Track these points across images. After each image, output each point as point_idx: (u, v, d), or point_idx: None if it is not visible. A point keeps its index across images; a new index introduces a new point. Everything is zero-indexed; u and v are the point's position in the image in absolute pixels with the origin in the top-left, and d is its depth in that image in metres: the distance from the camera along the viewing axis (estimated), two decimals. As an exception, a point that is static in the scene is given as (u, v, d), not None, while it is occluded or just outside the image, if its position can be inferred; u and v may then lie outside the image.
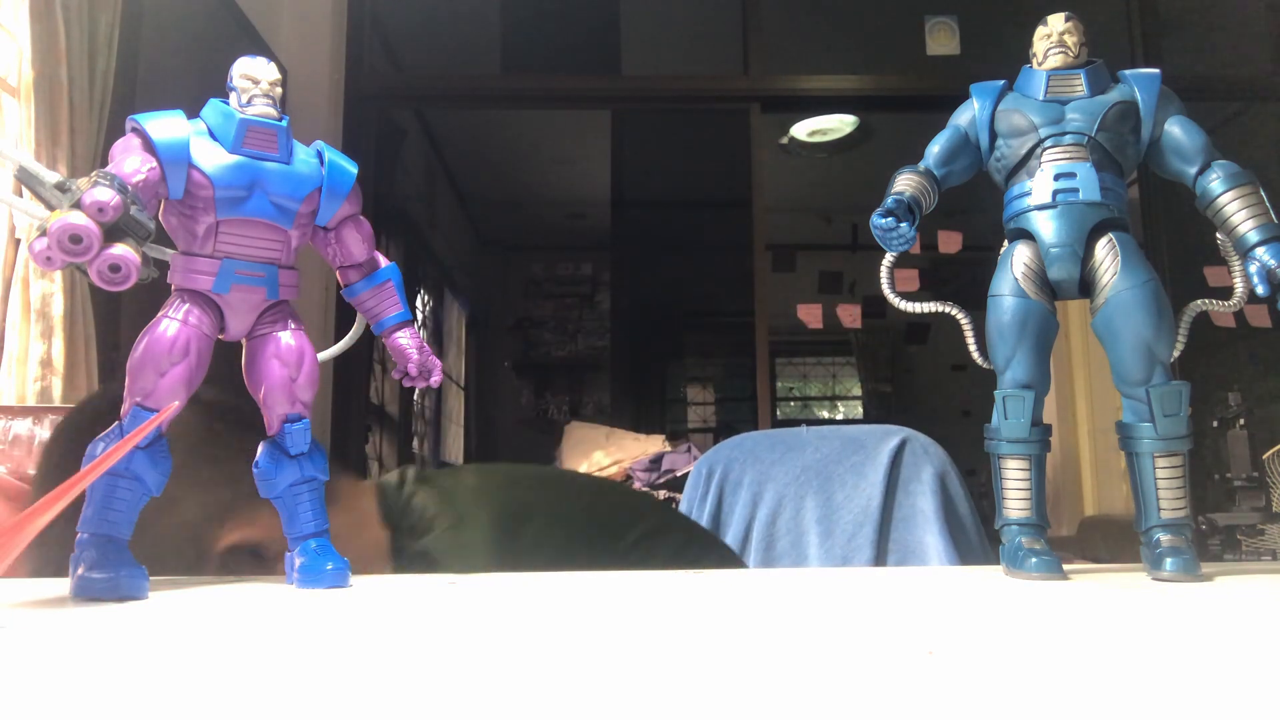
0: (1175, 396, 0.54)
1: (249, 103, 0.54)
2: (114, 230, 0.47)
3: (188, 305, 0.52)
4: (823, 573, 0.63)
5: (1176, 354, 0.57)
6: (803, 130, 4.24)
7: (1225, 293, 0.59)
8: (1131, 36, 3.26)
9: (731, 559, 1.06)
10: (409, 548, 0.85)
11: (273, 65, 0.55)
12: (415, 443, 4.81)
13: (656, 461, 2.90)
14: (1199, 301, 0.60)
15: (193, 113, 0.55)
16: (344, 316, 0.64)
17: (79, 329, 1.60)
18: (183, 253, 0.54)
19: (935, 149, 0.61)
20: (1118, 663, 0.31)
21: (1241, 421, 2.57)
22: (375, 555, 0.83)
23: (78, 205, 0.46)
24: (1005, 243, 0.59)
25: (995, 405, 0.57)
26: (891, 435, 1.31)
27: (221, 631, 0.40)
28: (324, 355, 0.61)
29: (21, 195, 0.59)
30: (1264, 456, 2.45)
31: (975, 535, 1.26)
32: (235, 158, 0.53)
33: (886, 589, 0.52)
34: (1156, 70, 0.59)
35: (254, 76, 0.54)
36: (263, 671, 0.31)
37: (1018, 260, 0.57)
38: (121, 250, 0.47)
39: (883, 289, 0.63)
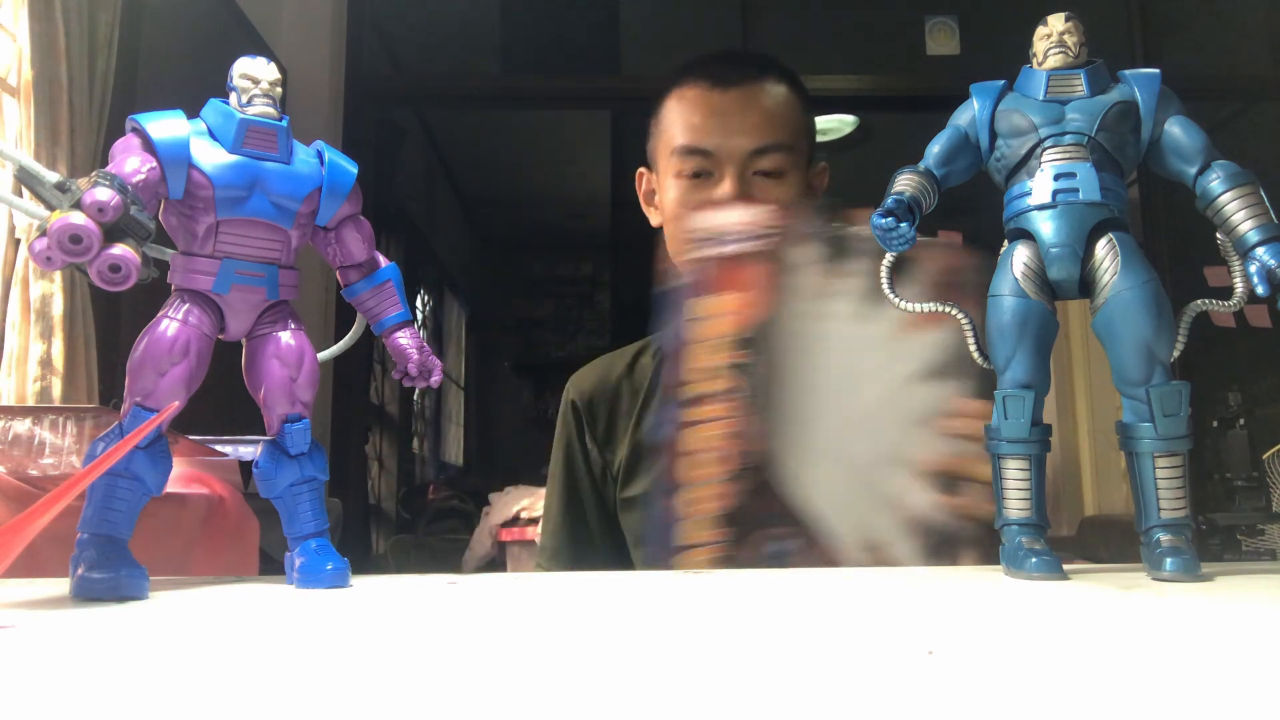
0: (1175, 396, 0.54)
1: (249, 103, 0.54)
2: (114, 230, 0.47)
3: (188, 305, 0.52)
4: (822, 573, 0.63)
5: (1176, 354, 0.57)
6: (803, 130, 4.22)
7: (1225, 293, 0.59)
8: (1131, 36, 3.26)
9: None
10: None
11: (273, 65, 0.55)
12: (415, 443, 4.81)
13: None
14: (1199, 301, 0.60)
15: (193, 113, 0.55)
16: (344, 316, 0.64)
17: (79, 329, 1.60)
18: (183, 253, 0.54)
19: (935, 149, 0.61)
20: (1118, 663, 0.31)
21: (1241, 421, 2.56)
22: None
23: (78, 205, 0.46)
24: (1005, 243, 0.59)
25: (995, 405, 0.57)
26: None
27: (221, 631, 0.40)
28: (324, 355, 0.61)
29: (21, 195, 0.59)
30: (1264, 456, 2.45)
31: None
32: (235, 158, 0.53)
33: (887, 589, 0.52)
34: (1156, 70, 0.59)
35: (254, 76, 0.54)
36: (263, 671, 0.31)
37: (1018, 260, 0.57)
38: (121, 250, 0.47)
39: (883, 289, 0.63)
